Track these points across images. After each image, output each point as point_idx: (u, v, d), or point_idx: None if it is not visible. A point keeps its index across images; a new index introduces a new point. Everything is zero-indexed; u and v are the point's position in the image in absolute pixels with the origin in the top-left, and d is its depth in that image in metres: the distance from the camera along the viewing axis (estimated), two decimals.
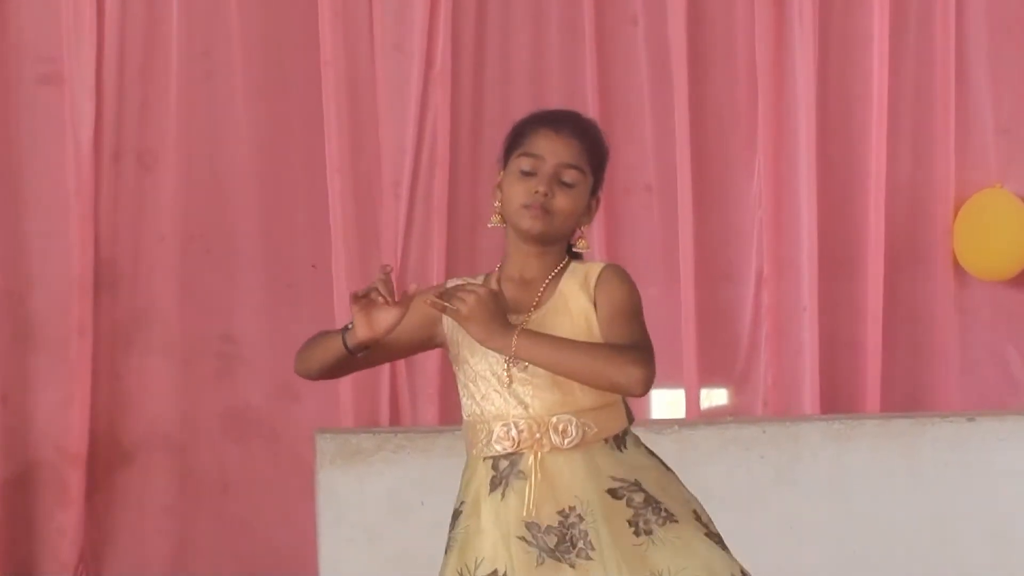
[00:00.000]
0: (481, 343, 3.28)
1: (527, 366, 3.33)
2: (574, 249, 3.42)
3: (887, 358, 5.76)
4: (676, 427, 5.48)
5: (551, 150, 3.31)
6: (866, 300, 5.79)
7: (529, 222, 3.27)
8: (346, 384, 5.59)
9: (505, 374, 3.31)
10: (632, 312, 3.36)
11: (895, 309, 5.82)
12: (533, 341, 3.26)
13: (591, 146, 3.40)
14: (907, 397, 5.83)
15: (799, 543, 5.31)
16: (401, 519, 4.98)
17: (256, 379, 5.67)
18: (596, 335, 3.34)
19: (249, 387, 5.67)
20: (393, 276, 3.43)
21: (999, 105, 5.87)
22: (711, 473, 5.14)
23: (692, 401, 5.81)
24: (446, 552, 3.30)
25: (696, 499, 3.40)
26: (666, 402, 5.84)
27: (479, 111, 5.71)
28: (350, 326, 3.29)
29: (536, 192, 3.27)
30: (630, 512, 3.27)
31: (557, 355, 3.30)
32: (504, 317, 3.24)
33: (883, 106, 5.78)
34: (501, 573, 3.25)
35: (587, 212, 3.39)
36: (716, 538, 3.38)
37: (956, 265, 5.77)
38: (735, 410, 5.83)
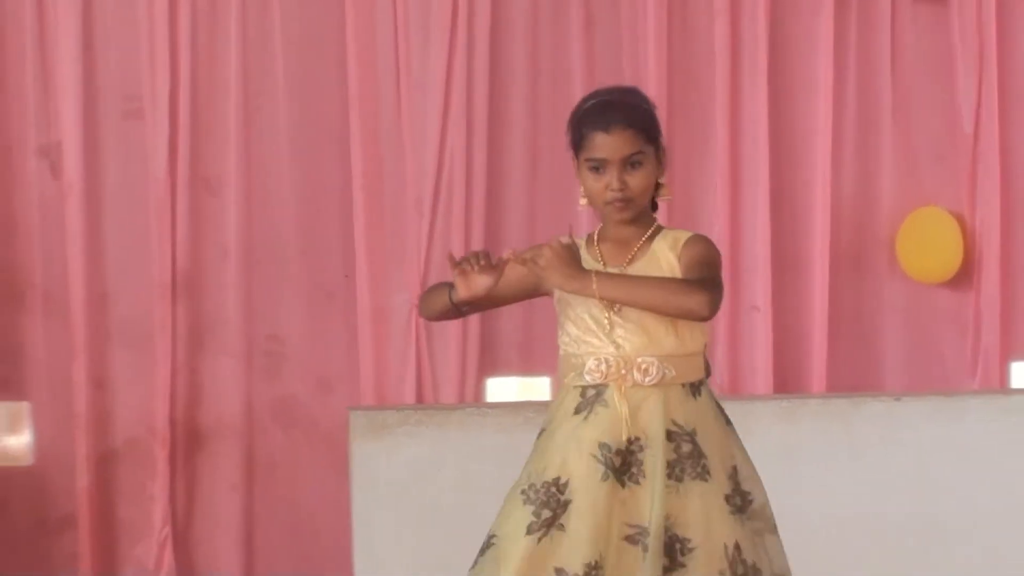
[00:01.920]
0: (560, 288, 3.50)
1: (625, 310, 3.56)
2: (657, 199, 3.65)
3: (832, 347, 6.10)
4: None
5: (610, 150, 3.51)
6: (813, 299, 6.12)
7: (618, 214, 3.51)
8: (368, 373, 5.96)
9: (606, 320, 3.54)
10: (708, 262, 3.58)
11: (840, 307, 6.13)
12: (611, 280, 3.47)
13: (642, 125, 3.59)
14: (849, 381, 6.12)
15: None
16: (421, 483, 5.24)
17: (298, 373, 6.03)
18: None
19: (292, 380, 6.01)
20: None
21: (932, 137, 6.21)
22: None
23: None
24: (527, 462, 3.59)
25: (743, 455, 3.66)
26: None
27: (490, 140, 6.05)
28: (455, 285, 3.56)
29: (611, 188, 3.49)
30: (673, 456, 3.49)
31: (633, 288, 3.50)
32: (579, 264, 3.44)
33: (827, 140, 6.11)
34: (563, 481, 3.49)
35: (660, 168, 3.61)
36: (739, 499, 3.60)
37: (899, 270, 6.10)
38: None
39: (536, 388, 6.13)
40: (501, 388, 6.16)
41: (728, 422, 3.61)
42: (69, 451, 5.87)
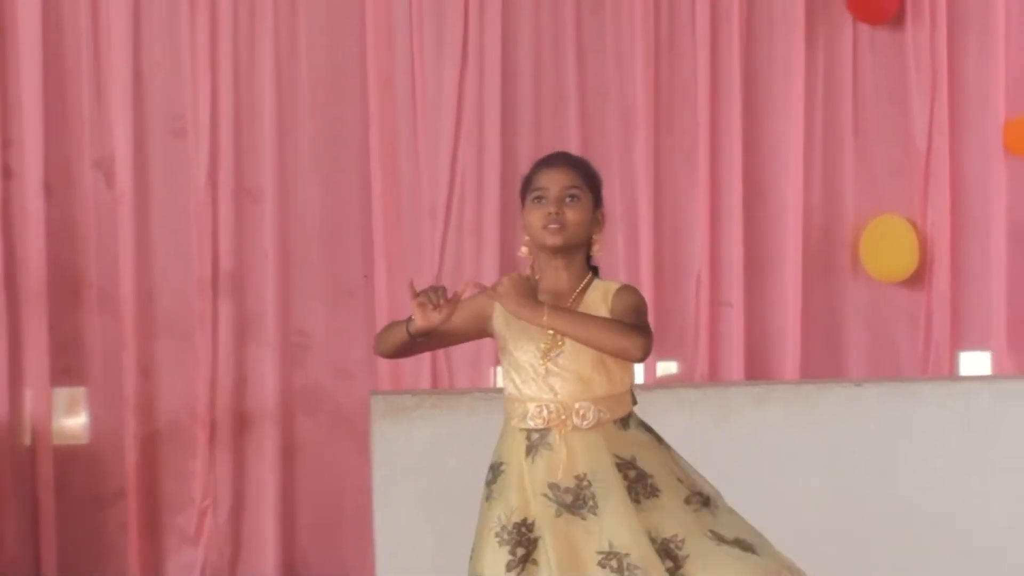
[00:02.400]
0: (515, 315, 3.49)
1: (559, 359, 3.58)
2: (591, 254, 3.70)
3: (802, 339, 6.19)
4: (638, 389, 5.93)
5: (552, 180, 3.59)
6: (786, 296, 6.19)
7: (551, 237, 3.55)
8: (385, 361, 5.86)
9: (541, 366, 3.57)
10: (637, 310, 3.60)
11: (810, 303, 6.21)
12: (560, 313, 3.48)
13: (583, 171, 3.66)
14: (816, 369, 6.20)
15: (728, 481, 4.77)
16: (435, 460, 5.30)
17: (322, 364, 6.08)
18: None
19: (317, 370, 6.07)
20: (433, 281, 4.14)
21: (889, 153, 6.27)
22: (663, 424, 4.91)
23: (650, 370, 6.19)
24: (487, 500, 3.59)
25: (681, 462, 3.71)
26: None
27: (500, 155, 6.10)
28: (412, 317, 3.54)
29: (549, 213, 3.55)
30: (626, 483, 3.52)
31: (579, 324, 3.51)
32: (534, 296, 3.47)
33: (798, 156, 6.18)
34: (529, 522, 3.50)
35: (595, 223, 3.65)
36: (698, 498, 3.66)
37: (861, 271, 6.20)
38: (681, 377, 6.21)
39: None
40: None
41: (660, 440, 3.69)
42: (120, 432, 5.93)
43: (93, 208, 5.97)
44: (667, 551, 3.49)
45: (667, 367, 6.24)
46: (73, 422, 6.05)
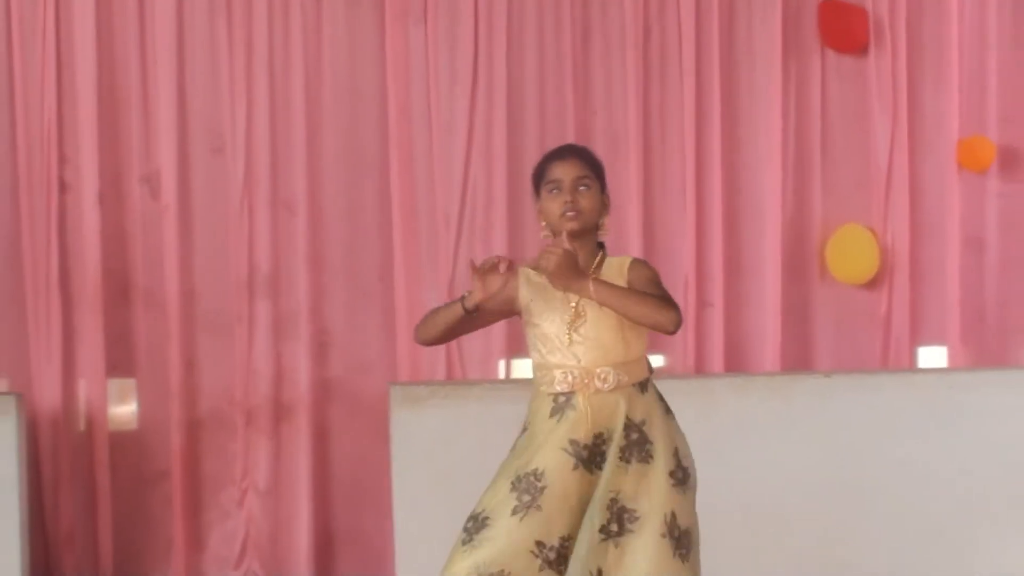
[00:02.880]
0: (564, 290, 3.51)
1: (581, 330, 3.61)
2: (599, 237, 3.69)
3: (778, 335, 6.23)
4: None
5: (565, 172, 3.63)
6: (765, 297, 6.24)
7: (569, 223, 3.58)
8: (403, 356, 6.02)
9: (566, 336, 3.60)
10: (656, 282, 3.63)
11: (785, 303, 6.25)
12: (604, 286, 3.49)
13: (590, 161, 3.70)
14: (789, 362, 6.24)
15: (711, 463, 4.77)
16: (448, 444, 5.39)
17: (342, 358, 6.13)
18: None
19: (337, 364, 6.13)
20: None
21: (853, 169, 6.29)
22: None
23: None
24: (511, 451, 3.64)
25: (682, 437, 3.69)
26: None
27: (507, 169, 6.11)
28: (466, 295, 3.61)
29: (566, 202, 3.59)
30: (624, 443, 3.56)
31: (621, 297, 3.52)
32: (579, 268, 3.48)
33: (776, 172, 6.23)
34: (541, 471, 3.53)
35: (603, 206, 3.68)
36: (681, 473, 3.65)
37: (828, 274, 6.26)
38: (668, 370, 6.22)
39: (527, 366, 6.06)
40: (522, 367, 6.06)
41: (668, 410, 3.71)
42: (166, 418, 6.00)
43: (141, 218, 6.04)
44: (619, 518, 3.54)
45: (655, 360, 5.99)
46: (124, 410, 6.11)
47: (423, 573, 3.67)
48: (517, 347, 6.12)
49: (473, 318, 3.65)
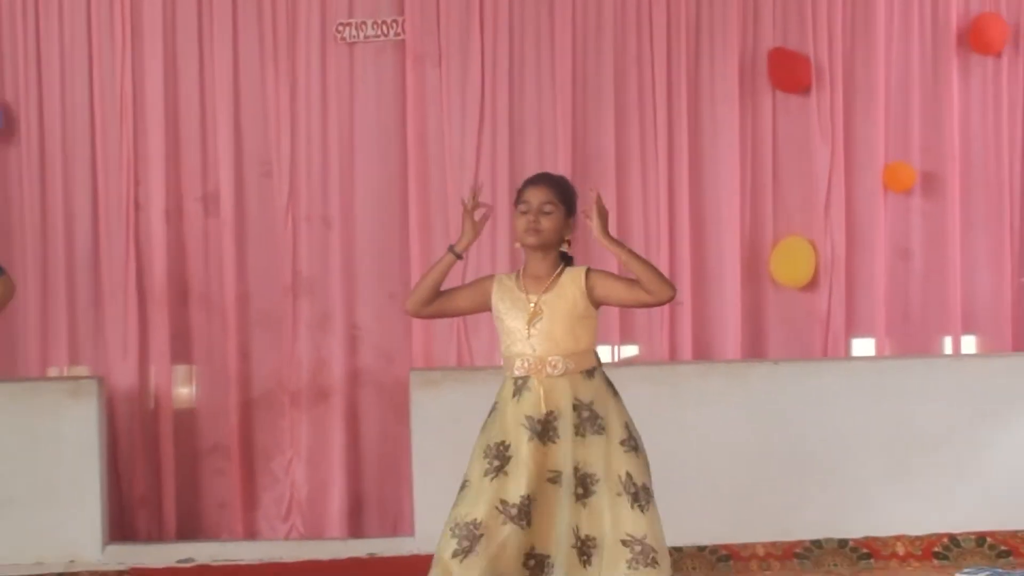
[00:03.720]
0: (601, 234, 3.66)
1: (538, 325, 3.69)
2: (563, 250, 3.78)
3: (737, 328, 6.25)
4: (613, 369, 5.13)
5: (534, 196, 3.75)
6: (725, 297, 6.25)
7: (528, 239, 3.73)
8: (419, 347, 6.03)
9: (525, 331, 3.71)
10: (621, 273, 3.80)
11: (742, 302, 6.26)
12: (624, 246, 3.71)
13: (558, 188, 3.78)
14: (746, 351, 6.29)
15: (679, 436, 5.65)
16: (460, 421, 4.69)
17: (369, 349, 6.16)
18: (580, 314, 3.73)
19: (366, 354, 6.17)
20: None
21: (797, 191, 6.32)
22: (631, 392, 4.80)
23: (615, 352, 6.24)
24: (483, 428, 3.76)
25: (628, 415, 3.77)
26: (605, 352, 6.06)
27: (509, 195, 5.56)
28: (454, 245, 3.77)
29: (529, 221, 3.72)
30: (578, 421, 3.67)
31: (637, 258, 3.68)
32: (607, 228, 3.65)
33: (733, 195, 6.25)
34: (507, 444, 3.66)
35: (567, 227, 3.76)
36: (633, 441, 3.72)
37: (772, 279, 6.32)
38: (644, 357, 6.26)
39: None
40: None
41: (616, 393, 3.79)
42: (223, 399, 6.11)
43: (201, 232, 6.16)
44: (584, 483, 3.64)
45: (631, 350, 6.32)
46: (186, 391, 6.21)
47: (437, 531, 3.73)
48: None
49: (445, 305, 3.82)
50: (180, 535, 6.14)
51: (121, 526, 6.09)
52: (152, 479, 6.13)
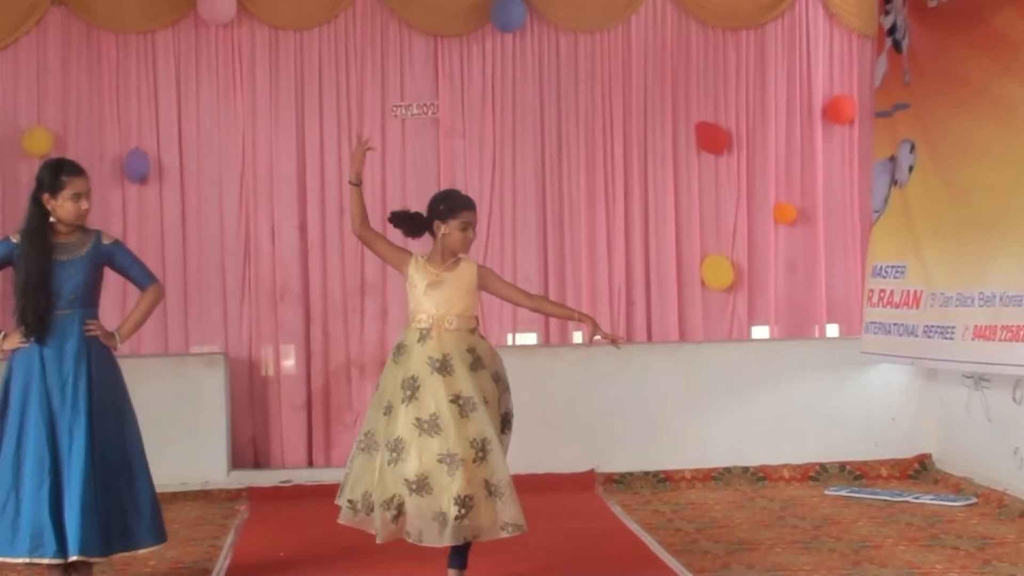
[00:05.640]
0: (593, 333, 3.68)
1: (438, 292, 3.67)
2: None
3: (673, 319, 6.43)
4: (594, 350, 5.47)
5: (472, 217, 3.81)
6: (667, 297, 6.38)
7: (464, 248, 3.81)
8: None
9: (429, 294, 3.73)
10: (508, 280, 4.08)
11: (680, 301, 6.41)
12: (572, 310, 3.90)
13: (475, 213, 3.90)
14: (682, 335, 6.40)
15: (630, 397, 5.93)
16: None
17: (393, 326, 6.17)
18: (472, 290, 3.78)
19: (391, 331, 6.15)
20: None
21: (717, 226, 6.46)
22: (598, 365, 5.95)
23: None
24: (395, 363, 3.72)
25: (499, 359, 3.80)
26: (576, 336, 6.23)
27: (513, 221, 6.19)
28: (350, 179, 3.76)
29: (468, 237, 3.78)
30: (471, 360, 3.73)
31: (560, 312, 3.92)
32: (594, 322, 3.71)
33: (673, 225, 6.39)
34: (416, 376, 3.69)
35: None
36: (500, 380, 3.77)
37: (704, 284, 6.47)
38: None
39: (528, 339, 6.37)
40: (522, 339, 6.37)
41: (490, 344, 3.85)
42: (310, 369, 6.29)
43: (297, 250, 6.30)
44: (463, 405, 3.67)
45: (529, 338, 6.37)
46: (287, 363, 6.33)
47: None
48: (520, 325, 6.34)
49: (371, 242, 3.83)
50: (281, 464, 6.26)
51: (240, 457, 6.25)
52: (261, 425, 6.29)
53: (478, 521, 3.66)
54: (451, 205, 3.83)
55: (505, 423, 3.85)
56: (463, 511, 3.60)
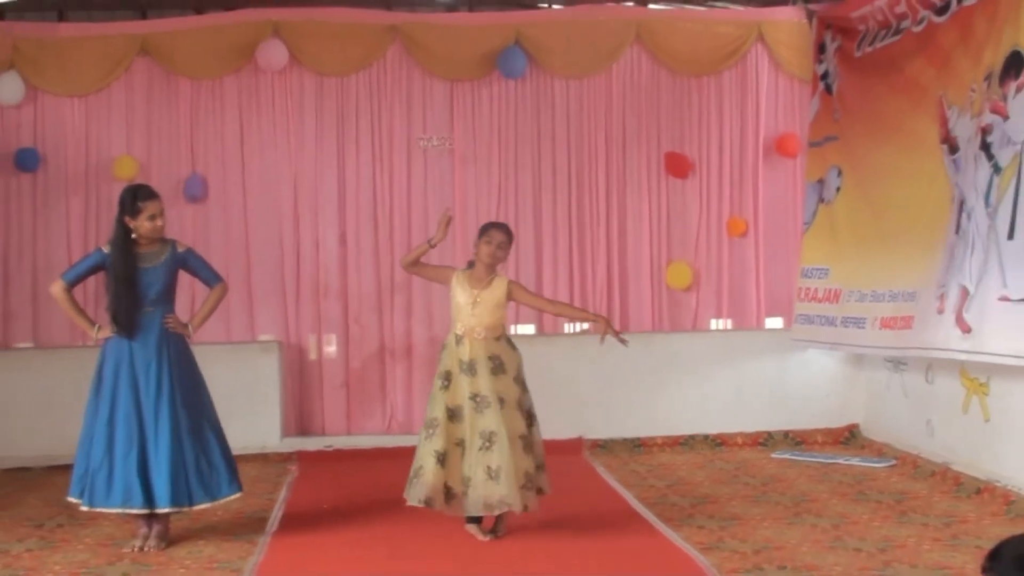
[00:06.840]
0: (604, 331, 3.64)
1: (475, 309, 3.69)
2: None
3: (652, 315, 6.42)
4: (576, 337, 6.11)
5: (495, 239, 3.90)
6: (641, 295, 6.34)
7: (490, 261, 3.84)
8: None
9: (468, 309, 3.75)
10: (526, 288, 4.02)
11: (652, 298, 6.37)
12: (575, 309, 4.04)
13: (506, 234, 3.95)
14: (654, 327, 6.33)
15: (610, 375, 5.91)
16: None
17: (439, 325, 6.17)
18: (502, 304, 3.80)
19: (438, 328, 6.16)
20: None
21: (684, 241, 6.34)
22: (577, 351, 5.95)
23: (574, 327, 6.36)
24: (443, 351, 3.84)
25: (521, 364, 3.80)
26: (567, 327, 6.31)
27: (517, 238, 5.47)
28: (430, 239, 3.81)
29: (492, 252, 3.85)
30: (492, 366, 3.78)
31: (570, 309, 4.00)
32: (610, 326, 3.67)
33: (647, 242, 6.34)
34: (451, 372, 3.79)
35: (505, 256, 3.98)
36: (521, 383, 3.81)
37: (667, 285, 6.46)
38: (590, 331, 5.93)
39: (527, 330, 6.34)
40: (521, 329, 6.30)
41: (515, 349, 3.87)
42: (346, 354, 6.30)
43: (337, 256, 6.33)
44: (479, 402, 3.72)
45: (528, 328, 6.39)
46: (329, 349, 6.32)
47: None
48: (520, 319, 6.34)
49: (422, 270, 3.91)
50: (324, 432, 6.30)
51: (291, 426, 6.28)
52: (308, 400, 6.35)
53: (476, 498, 3.74)
54: (483, 227, 4.00)
55: (531, 418, 3.87)
56: (464, 489, 3.74)
